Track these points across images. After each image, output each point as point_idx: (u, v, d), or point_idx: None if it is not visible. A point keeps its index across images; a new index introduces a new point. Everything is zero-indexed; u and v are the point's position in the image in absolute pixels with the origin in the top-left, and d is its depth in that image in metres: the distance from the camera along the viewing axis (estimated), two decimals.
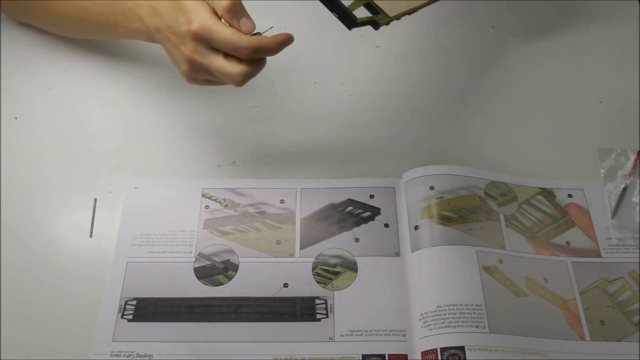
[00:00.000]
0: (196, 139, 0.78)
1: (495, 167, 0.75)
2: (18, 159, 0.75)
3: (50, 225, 0.71)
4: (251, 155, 0.77)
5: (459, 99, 0.82)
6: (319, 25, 0.83)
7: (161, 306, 0.66)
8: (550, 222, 0.72)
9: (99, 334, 0.64)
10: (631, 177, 0.74)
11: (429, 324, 0.63)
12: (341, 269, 0.68)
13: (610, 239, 0.71)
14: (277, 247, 0.70)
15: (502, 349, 0.61)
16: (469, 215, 0.70)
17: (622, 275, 0.68)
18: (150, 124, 0.79)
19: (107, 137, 0.78)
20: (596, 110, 0.81)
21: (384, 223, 0.71)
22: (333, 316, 0.65)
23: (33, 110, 0.79)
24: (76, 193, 0.73)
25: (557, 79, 0.84)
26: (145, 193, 0.73)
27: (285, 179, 0.74)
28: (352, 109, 0.81)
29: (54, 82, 0.81)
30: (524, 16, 0.90)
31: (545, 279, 0.67)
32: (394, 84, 0.84)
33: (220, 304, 0.66)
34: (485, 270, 0.66)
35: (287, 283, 0.67)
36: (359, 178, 0.74)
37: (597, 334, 0.65)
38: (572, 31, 0.89)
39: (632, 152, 0.76)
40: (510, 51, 0.87)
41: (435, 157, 0.76)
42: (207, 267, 0.68)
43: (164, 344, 0.63)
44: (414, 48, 0.87)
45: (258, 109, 0.81)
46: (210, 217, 0.72)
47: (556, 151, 0.78)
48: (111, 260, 0.68)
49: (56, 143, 0.77)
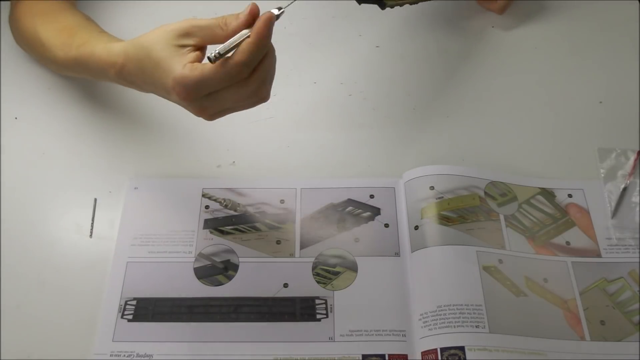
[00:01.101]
0: (196, 139, 0.78)
1: (495, 167, 0.75)
2: (18, 159, 0.75)
3: (50, 225, 0.71)
4: (251, 155, 0.77)
5: (459, 99, 0.82)
6: (319, 25, 0.83)
7: (161, 306, 0.66)
8: (550, 222, 0.72)
9: (99, 334, 0.64)
10: (631, 177, 0.74)
11: (429, 324, 0.63)
12: (341, 269, 0.68)
13: (610, 239, 0.71)
14: (277, 247, 0.70)
15: (502, 349, 0.61)
16: (468, 215, 0.70)
17: (622, 275, 0.68)
18: (150, 124, 0.79)
19: (107, 137, 0.78)
20: (596, 110, 0.81)
21: (384, 223, 0.71)
22: (333, 316, 0.65)
23: (33, 110, 0.79)
24: (76, 193, 0.73)
25: (557, 79, 0.84)
26: (145, 193, 0.73)
27: (285, 179, 0.74)
28: (352, 109, 0.81)
29: (54, 82, 0.81)
30: (524, 16, 0.90)
31: (545, 279, 0.67)
32: (394, 84, 0.84)
33: (220, 304, 0.66)
34: (485, 270, 0.66)
35: (287, 283, 0.67)
36: (359, 178, 0.75)
37: (597, 334, 0.65)
38: (572, 31, 0.89)
39: (632, 152, 0.76)
40: (510, 51, 0.87)
41: (435, 157, 0.76)
42: (207, 267, 0.68)
43: (164, 344, 0.63)
44: (414, 48, 0.87)
45: (258, 109, 0.80)
46: (210, 217, 0.72)
47: (556, 151, 0.78)
48: (111, 260, 0.68)
49: (56, 143, 0.77)
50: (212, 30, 0.57)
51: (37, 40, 0.73)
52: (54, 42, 0.71)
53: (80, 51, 0.67)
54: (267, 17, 0.55)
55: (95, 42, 0.67)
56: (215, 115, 0.60)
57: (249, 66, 0.55)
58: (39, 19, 0.73)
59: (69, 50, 0.69)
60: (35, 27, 0.73)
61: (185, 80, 0.56)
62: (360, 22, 0.89)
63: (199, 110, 0.59)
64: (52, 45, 0.71)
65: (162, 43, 0.58)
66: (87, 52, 0.67)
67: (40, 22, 0.73)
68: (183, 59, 0.57)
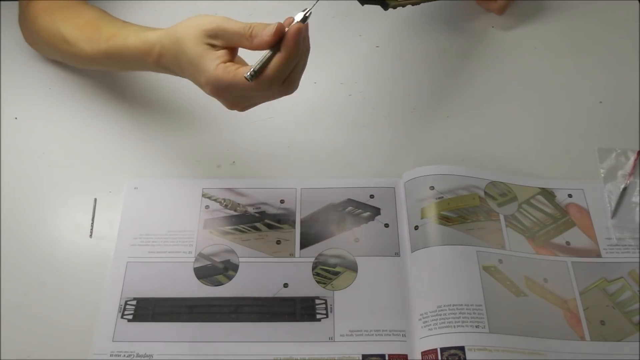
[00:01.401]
0: (196, 139, 0.78)
1: (495, 167, 0.75)
2: (18, 159, 0.75)
3: (50, 226, 0.71)
4: (251, 155, 0.77)
5: (459, 99, 0.82)
6: (319, 25, 0.83)
7: (161, 306, 0.66)
8: (550, 222, 0.72)
9: (99, 334, 0.64)
10: (631, 177, 0.74)
11: (429, 324, 0.63)
12: (341, 269, 0.68)
13: (610, 239, 0.71)
14: (277, 247, 0.70)
15: (502, 349, 0.61)
16: (468, 215, 0.70)
17: (622, 275, 0.68)
18: (150, 124, 0.79)
19: (107, 137, 0.78)
20: (596, 110, 0.81)
21: (384, 223, 0.71)
22: (333, 316, 0.65)
23: (33, 111, 0.79)
24: (76, 193, 0.73)
25: (557, 79, 0.84)
26: (145, 193, 0.73)
27: (285, 179, 0.74)
28: (352, 109, 0.81)
29: (54, 82, 0.81)
30: (524, 16, 0.90)
31: (545, 279, 0.67)
32: (394, 84, 0.84)
33: (220, 304, 0.66)
34: (485, 270, 0.66)
35: (287, 283, 0.67)
36: (359, 178, 0.74)
37: (597, 334, 0.64)
38: (572, 31, 0.89)
39: (632, 152, 0.76)
40: (510, 51, 0.87)
41: (435, 157, 0.76)
42: (207, 267, 0.68)
43: (164, 344, 0.63)
44: (414, 48, 0.87)
45: (258, 109, 0.80)
46: (210, 217, 0.72)
47: (556, 151, 0.78)
48: (111, 260, 0.68)
49: (56, 143, 0.77)
50: (239, 38, 0.58)
51: (59, 37, 0.72)
52: (79, 38, 0.71)
53: (111, 44, 0.68)
54: (294, 30, 0.55)
55: (125, 33, 0.68)
56: (246, 108, 0.63)
57: (281, 79, 0.57)
58: (59, 16, 0.73)
59: (97, 44, 0.69)
60: (55, 24, 0.73)
61: (217, 82, 0.58)
62: (360, 22, 0.89)
63: (231, 105, 0.61)
64: (78, 41, 0.71)
65: (193, 40, 0.59)
66: (119, 44, 0.67)
67: (60, 18, 0.73)
68: (214, 58, 0.58)
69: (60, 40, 0.73)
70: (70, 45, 0.72)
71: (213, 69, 0.58)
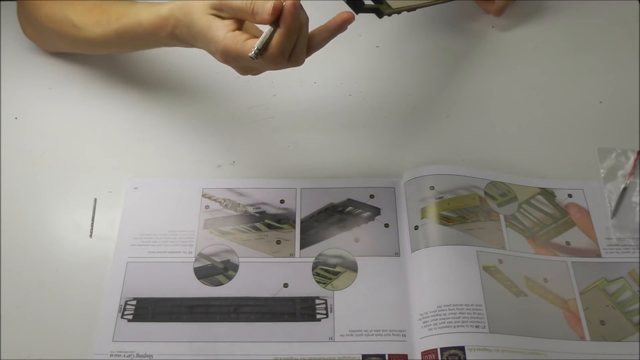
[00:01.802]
0: (196, 139, 0.78)
1: (495, 167, 0.75)
2: (18, 159, 0.75)
3: (50, 226, 0.71)
4: (251, 155, 0.77)
5: (459, 99, 0.82)
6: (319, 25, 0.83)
7: (161, 306, 0.66)
8: (550, 222, 0.72)
9: (99, 334, 0.64)
10: (631, 177, 0.74)
11: (429, 324, 0.63)
12: (341, 269, 0.68)
13: (610, 239, 0.71)
14: (277, 247, 0.70)
15: (502, 349, 0.61)
16: (468, 215, 0.70)
17: (622, 275, 0.68)
18: (150, 124, 0.79)
19: (107, 137, 0.78)
20: (596, 110, 0.81)
21: (384, 223, 0.71)
22: (333, 316, 0.65)
23: (33, 110, 0.79)
24: (76, 193, 0.73)
25: (557, 79, 0.84)
26: (145, 193, 0.73)
27: (285, 179, 0.74)
28: (352, 109, 0.81)
29: (54, 82, 0.82)
30: (524, 16, 0.90)
31: (545, 279, 0.67)
32: (394, 84, 0.84)
33: (220, 304, 0.66)
34: (485, 270, 0.66)
35: (287, 283, 0.67)
36: (359, 178, 0.75)
37: (597, 334, 0.64)
38: (572, 31, 0.89)
39: (632, 152, 0.76)
40: (510, 51, 0.87)
41: (435, 157, 0.76)
42: (207, 267, 0.68)
43: (164, 344, 0.63)
44: (413, 48, 0.87)
45: (258, 109, 0.81)
46: (210, 217, 0.72)
47: (556, 151, 0.78)
48: (111, 260, 0.68)
49: (56, 143, 0.77)
50: (242, 14, 0.60)
51: (68, 23, 0.73)
52: (88, 21, 0.71)
53: (121, 23, 0.69)
54: (290, 5, 0.56)
55: (135, 10, 0.69)
56: (258, 74, 0.64)
57: (285, 54, 0.58)
58: (65, 2, 0.73)
59: (107, 25, 0.70)
60: (62, 10, 0.73)
61: (226, 52, 0.59)
62: (360, 22, 0.88)
63: (242, 71, 0.63)
64: (87, 25, 0.71)
65: (200, 12, 0.61)
66: (132, 22, 0.68)
67: (67, 4, 0.73)
68: (222, 26, 0.60)
69: (69, 26, 0.73)
70: (79, 29, 0.72)
71: (222, 38, 0.59)
